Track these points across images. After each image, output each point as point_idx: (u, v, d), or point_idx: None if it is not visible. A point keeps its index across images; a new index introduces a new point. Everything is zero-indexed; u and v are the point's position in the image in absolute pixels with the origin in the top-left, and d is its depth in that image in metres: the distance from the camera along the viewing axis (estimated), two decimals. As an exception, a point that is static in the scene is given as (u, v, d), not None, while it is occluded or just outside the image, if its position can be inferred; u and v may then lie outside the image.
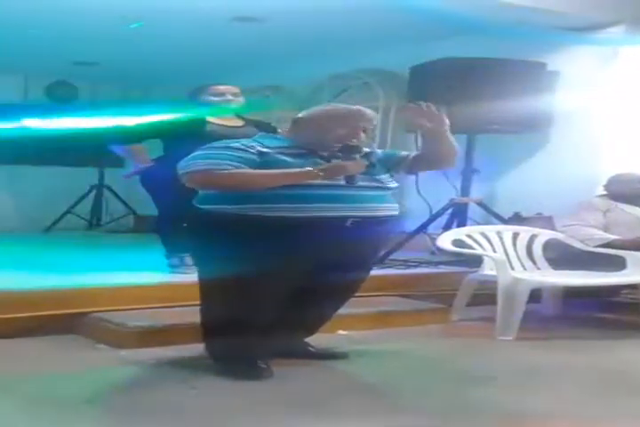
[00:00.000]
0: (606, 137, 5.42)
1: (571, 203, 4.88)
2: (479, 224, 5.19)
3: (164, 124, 4.41)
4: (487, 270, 4.38)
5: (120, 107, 5.83)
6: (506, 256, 4.45)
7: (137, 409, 2.77)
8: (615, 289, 4.80)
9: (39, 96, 8.47)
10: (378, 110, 6.03)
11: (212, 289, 3.15)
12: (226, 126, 4.42)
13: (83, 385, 3.00)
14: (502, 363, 3.58)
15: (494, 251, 4.46)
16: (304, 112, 3.28)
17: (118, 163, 7.44)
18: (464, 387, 3.15)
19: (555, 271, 4.57)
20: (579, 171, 5.31)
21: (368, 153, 3.30)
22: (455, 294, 4.47)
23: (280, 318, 3.19)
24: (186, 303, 3.63)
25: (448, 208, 5.42)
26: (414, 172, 3.69)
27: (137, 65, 7.54)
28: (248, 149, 3.06)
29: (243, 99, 4.55)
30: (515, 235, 4.65)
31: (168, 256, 4.55)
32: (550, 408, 2.88)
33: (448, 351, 3.82)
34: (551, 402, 2.96)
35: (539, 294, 4.58)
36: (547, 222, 4.96)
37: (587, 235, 4.59)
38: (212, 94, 4.48)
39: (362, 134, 3.23)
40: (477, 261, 4.50)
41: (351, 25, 5.69)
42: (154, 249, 4.67)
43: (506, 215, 5.38)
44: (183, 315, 3.66)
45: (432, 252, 5.51)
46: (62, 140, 7.05)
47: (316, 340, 3.50)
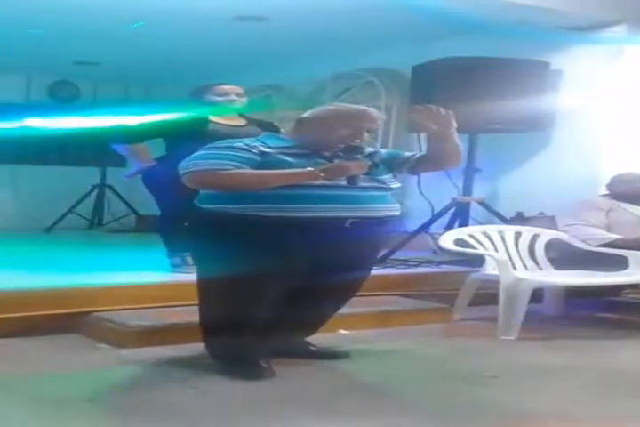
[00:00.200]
0: (609, 137, 5.41)
1: (573, 202, 4.87)
2: (481, 224, 5.18)
3: (167, 123, 4.41)
4: (489, 270, 4.37)
5: (122, 106, 5.84)
6: (508, 256, 4.44)
7: (137, 409, 2.77)
8: (617, 289, 4.80)
9: (41, 96, 8.48)
10: (380, 109, 6.02)
11: (213, 288, 3.14)
12: (229, 126, 4.42)
13: (83, 385, 3.00)
14: (504, 363, 3.57)
15: (496, 250, 4.46)
16: (308, 112, 3.27)
17: (120, 162, 7.48)
18: (465, 387, 3.15)
19: (557, 271, 4.56)
20: (581, 170, 5.31)
21: (372, 153, 3.29)
22: (457, 294, 4.47)
23: (280, 318, 3.20)
24: (187, 303, 3.62)
25: (450, 208, 5.42)
26: (418, 172, 3.67)
27: (138, 65, 7.54)
28: (250, 149, 3.05)
29: (246, 99, 4.56)
30: (517, 234, 4.64)
31: (170, 256, 4.56)
32: (551, 408, 2.88)
33: (449, 351, 3.81)
34: (552, 402, 2.96)
35: (540, 294, 4.58)
36: (549, 222, 4.95)
37: (589, 234, 4.58)
38: (217, 94, 4.48)
39: (365, 134, 3.23)
40: (479, 260, 4.49)
41: (353, 24, 5.69)
42: (155, 248, 4.68)
43: (508, 215, 5.38)
44: (184, 314, 3.66)
45: (434, 251, 5.51)
46: (64, 139, 7.05)
47: (317, 339, 3.50)
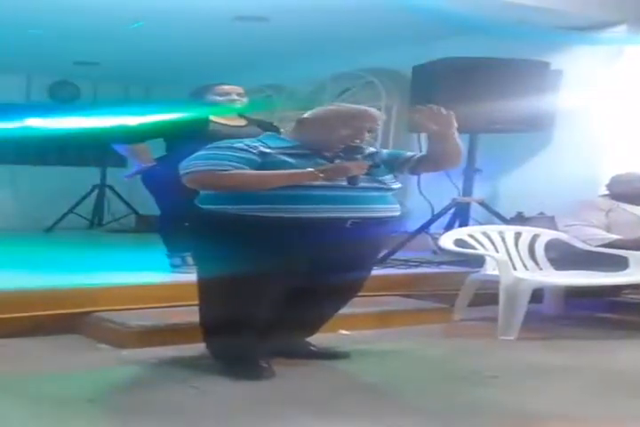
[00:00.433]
0: (609, 137, 5.41)
1: (573, 203, 4.87)
2: (481, 224, 5.18)
3: (167, 123, 4.41)
4: (489, 270, 4.37)
5: (122, 106, 5.84)
6: (508, 256, 4.44)
7: (138, 409, 2.77)
8: (617, 289, 4.80)
9: (41, 96, 8.48)
10: (380, 109, 6.02)
11: (213, 288, 3.14)
12: (229, 126, 4.42)
13: (84, 385, 3.00)
14: (504, 363, 3.57)
15: (496, 251, 4.46)
16: (309, 112, 3.26)
17: (120, 163, 7.48)
18: (465, 387, 3.15)
19: (557, 271, 4.56)
20: (581, 170, 5.30)
21: (373, 153, 3.29)
22: (457, 294, 4.47)
23: (280, 318, 3.20)
24: (187, 303, 3.62)
25: (450, 208, 5.41)
26: (418, 172, 3.67)
27: (138, 65, 7.54)
28: (250, 150, 3.05)
29: (247, 99, 4.56)
30: (517, 235, 4.64)
31: (170, 256, 4.56)
32: (551, 408, 2.88)
33: (449, 351, 3.81)
34: (552, 402, 2.96)
35: (540, 294, 4.58)
36: (549, 222, 4.95)
37: (589, 235, 4.58)
38: (218, 94, 4.48)
39: (366, 134, 3.23)
40: (479, 261, 4.49)
41: (353, 24, 5.68)
42: (155, 249, 4.67)
43: (508, 215, 5.38)
44: (185, 314, 3.65)
45: (434, 251, 5.50)
46: (64, 139, 7.07)
47: (318, 339, 3.50)
